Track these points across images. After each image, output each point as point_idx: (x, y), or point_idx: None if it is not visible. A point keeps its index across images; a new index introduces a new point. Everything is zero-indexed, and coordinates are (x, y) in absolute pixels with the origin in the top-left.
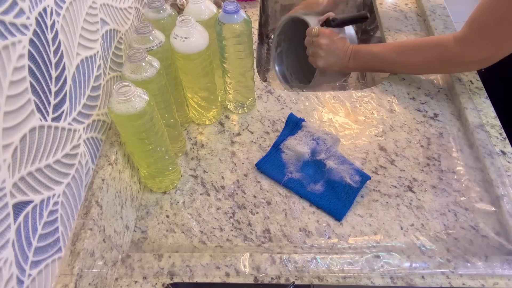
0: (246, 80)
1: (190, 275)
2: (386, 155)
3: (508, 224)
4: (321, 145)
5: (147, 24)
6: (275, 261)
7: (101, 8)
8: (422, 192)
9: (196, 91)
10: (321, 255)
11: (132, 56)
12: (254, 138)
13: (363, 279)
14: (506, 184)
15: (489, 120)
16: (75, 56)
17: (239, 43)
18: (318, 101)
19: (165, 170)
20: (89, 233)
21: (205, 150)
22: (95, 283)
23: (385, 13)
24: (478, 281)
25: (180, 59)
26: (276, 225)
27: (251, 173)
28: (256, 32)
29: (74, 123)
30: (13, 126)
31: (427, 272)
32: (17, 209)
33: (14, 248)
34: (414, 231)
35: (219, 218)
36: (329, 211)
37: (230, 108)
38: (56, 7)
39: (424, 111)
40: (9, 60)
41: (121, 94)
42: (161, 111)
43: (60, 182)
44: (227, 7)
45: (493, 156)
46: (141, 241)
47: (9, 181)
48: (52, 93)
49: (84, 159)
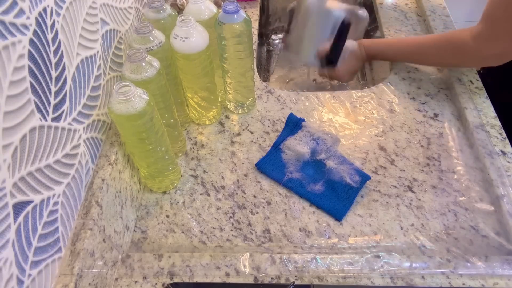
0: (246, 80)
1: (190, 275)
2: (386, 155)
3: (508, 224)
4: (321, 145)
5: (147, 24)
6: (275, 261)
7: (101, 8)
8: (422, 192)
9: (196, 91)
10: (321, 255)
11: (132, 56)
12: (254, 138)
13: (363, 279)
14: (506, 184)
15: (489, 120)
16: (75, 56)
17: (239, 43)
18: (318, 101)
19: (165, 170)
20: (89, 233)
21: (205, 150)
22: (95, 283)
23: (385, 13)
24: (478, 281)
25: (180, 59)
26: (276, 225)
27: (251, 173)
28: (256, 32)
29: (74, 123)
30: (13, 126)
31: (427, 272)
32: (17, 209)
33: (14, 248)
34: (414, 231)
35: (219, 218)
36: (329, 211)
37: (230, 108)
38: (56, 7)
39: (424, 111)
40: (9, 60)
41: (121, 94)
42: (161, 111)
43: (60, 182)
44: (227, 7)
45: (493, 156)
46: (141, 241)
47: (9, 181)
48: (52, 93)
49: (84, 159)
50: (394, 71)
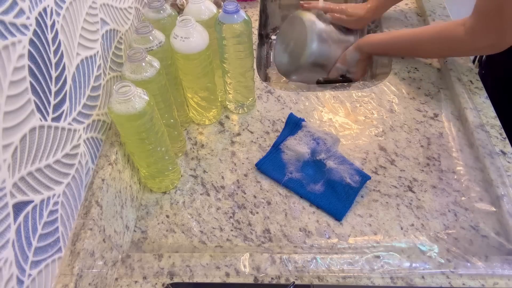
0: (246, 80)
1: (190, 275)
2: (386, 155)
3: (508, 224)
4: (321, 145)
5: (147, 24)
6: (275, 261)
7: (101, 8)
8: (422, 192)
9: (196, 91)
10: (321, 255)
11: (132, 56)
12: (254, 138)
13: (363, 279)
14: (506, 184)
15: (489, 120)
16: (75, 56)
17: (239, 43)
18: (318, 101)
19: (165, 170)
20: (89, 233)
21: (205, 150)
22: (95, 283)
23: (385, 13)
24: (478, 281)
25: (180, 59)
26: (276, 225)
27: (251, 173)
28: (256, 32)
29: (74, 123)
30: (13, 126)
31: (427, 272)
32: (17, 209)
33: (14, 248)
34: (414, 231)
35: (219, 218)
36: (329, 211)
37: (230, 108)
38: (56, 7)
39: (424, 111)
40: (9, 60)
41: (121, 94)
42: (161, 111)
43: (60, 182)
44: (227, 7)
45: (493, 156)
46: (141, 241)
47: (9, 181)
48: (52, 93)
49: (84, 159)
50: (394, 71)
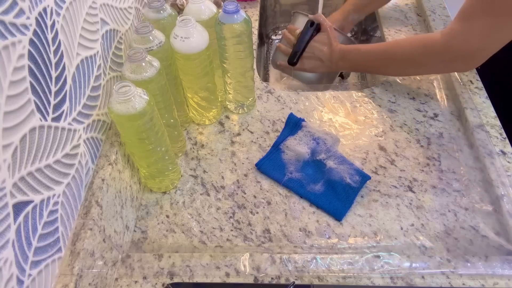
0: (246, 80)
1: (190, 275)
2: (386, 155)
3: (508, 224)
4: (321, 145)
5: (147, 24)
6: (275, 261)
7: (101, 8)
8: (422, 192)
9: (196, 91)
10: (321, 255)
11: (132, 56)
12: (254, 138)
13: (363, 279)
14: (506, 184)
15: (489, 120)
16: (75, 56)
17: (239, 43)
18: (318, 101)
19: (165, 170)
20: (89, 233)
21: (205, 150)
22: (95, 283)
23: (385, 13)
24: (478, 281)
25: (180, 59)
26: (276, 225)
27: (251, 173)
28: (256, 32)
29: (74, 123)
30: (13, 126)
31: (427, 272)
32: (17, 209)
33: (14, 248)
34: (414, 231)
35: (219, 218)
36: (329, 211)
37: (230, 108)
38: (56, 7)
39: (424, 111)
40: (9, 60)
41: (121, 94)
42: (161, 111)
43: (60, 182)
44: (227, 7)
45: (493, 156)
46: (141, 241)
47: (9, 181)
48: (52, 93)
49: (84, 159)
50: None
